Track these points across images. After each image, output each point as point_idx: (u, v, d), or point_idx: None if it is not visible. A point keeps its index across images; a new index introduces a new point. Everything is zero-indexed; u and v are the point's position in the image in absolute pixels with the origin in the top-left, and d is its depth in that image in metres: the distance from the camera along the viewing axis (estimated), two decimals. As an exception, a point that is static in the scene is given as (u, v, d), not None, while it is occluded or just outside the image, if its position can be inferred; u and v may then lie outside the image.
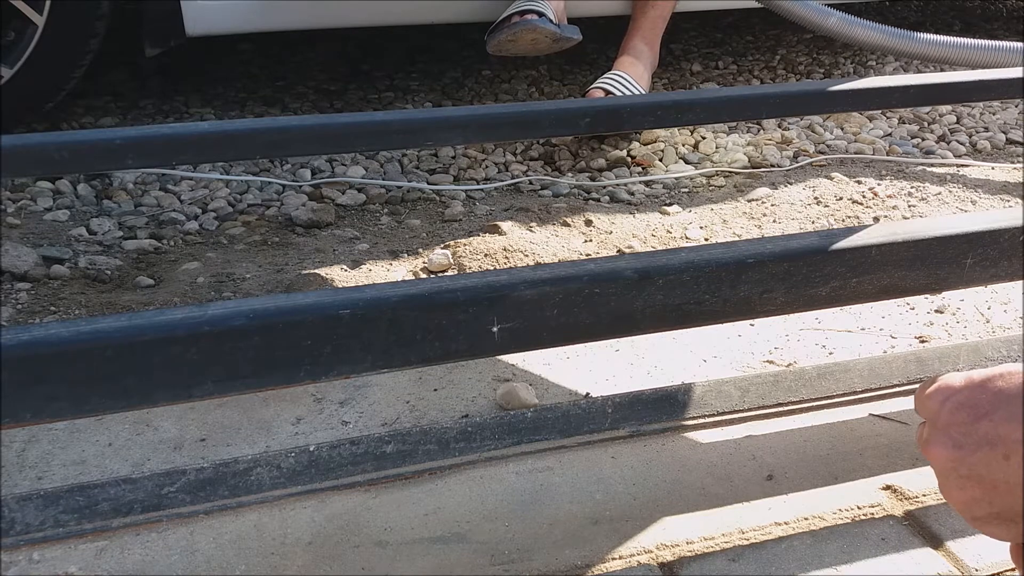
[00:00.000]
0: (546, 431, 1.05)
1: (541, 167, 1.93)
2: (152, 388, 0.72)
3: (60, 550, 0.89)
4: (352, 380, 1.16)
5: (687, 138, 2.05)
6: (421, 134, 1.03)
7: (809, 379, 1.16)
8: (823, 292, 0.84)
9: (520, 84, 2.39)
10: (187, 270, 1.46)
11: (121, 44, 2.29)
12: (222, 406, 1.10)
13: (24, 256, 1.44)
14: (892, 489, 0.98)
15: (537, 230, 1.60)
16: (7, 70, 1.79)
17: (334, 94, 2.31)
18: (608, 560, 0.89)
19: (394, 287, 0.79)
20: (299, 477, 0.98)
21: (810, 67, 2.61)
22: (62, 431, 1.05)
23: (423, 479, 0.99)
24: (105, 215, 1.65)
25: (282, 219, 1.66)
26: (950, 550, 0.89)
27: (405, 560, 0.89)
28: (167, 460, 1.02)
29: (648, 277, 0.83)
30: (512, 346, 0.80)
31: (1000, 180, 1.89)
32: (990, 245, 0.95)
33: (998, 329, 1.33)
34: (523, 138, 1.90)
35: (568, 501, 0.96)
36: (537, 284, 0.80)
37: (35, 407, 0.69)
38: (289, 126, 1.00)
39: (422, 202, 1.75)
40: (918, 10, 3.25)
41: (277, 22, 1.95)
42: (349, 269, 1.47)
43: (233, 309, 0.73)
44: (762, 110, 1.20)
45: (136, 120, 2.10)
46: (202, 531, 0.91)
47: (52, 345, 0.68)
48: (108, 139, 0.93)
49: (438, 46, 2.68)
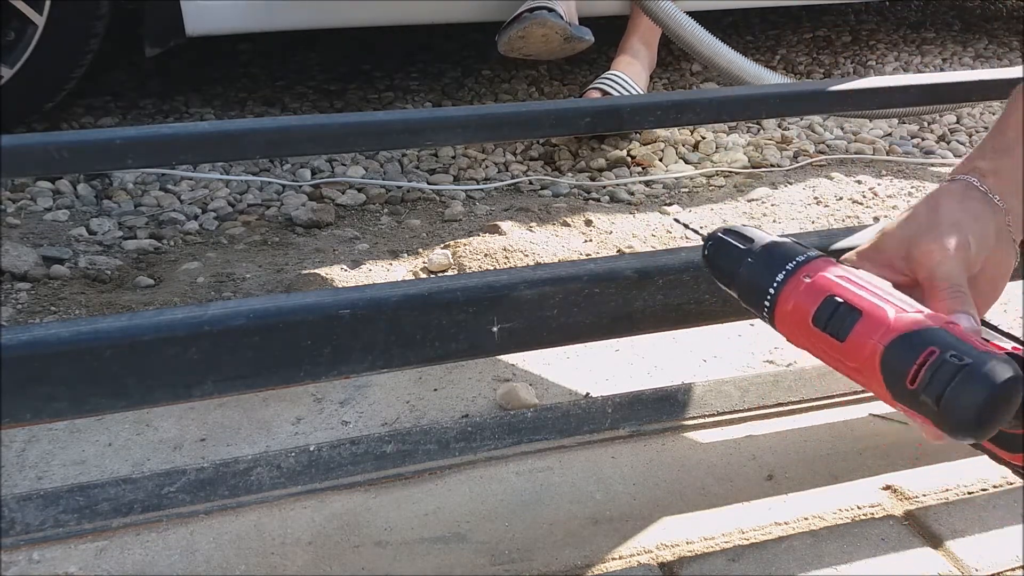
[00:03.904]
0: (546, 431, 1.06)
1: (541, 167, 1.93)
2: (152, 388, 0.72)
3: (60, 550, 0.89)
4: (352, 380, 1.16)
5: (687, 138, 2.05)
6: (421, 134, 1.03)
7: (809, 379, 1.16)
8: (823, 292, 0.84)
9: (520, 84, 2.39)
10: (187, 270, 1.46)
11: (121, 44, 2.29)
12: (222, 406, 1.10)
13: (24, 256, 1.44)
14: (892, 489, 0.98)
15: (537, 230, 1.60)
16: (7, 70, 1.79)
17: (334, 94, 2.31)
18: (608, 560, 0.89)
19: (394, 287, 0.79)
20: (299, 477, 0.98)
21: (810, 67, 2.60)
22: (62, 431, 1.05)
23: (423, 479, 0.99)
24: (105, 215, 1.65)
25: (282, 219, 1.66)
26: (950, 550, 0.89)
27: (405, 560, 0.89)
28: (167, 460, 1.02)
29: (648, 277, 0.83)
30: (512, 346, 0.80)
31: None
32: (990, 245, 0.94)
33: (998, 329, 1.33)
34: (523, 138, 1.90)
35: (568, 501, 0.96)
36: (537, 284, 0.80)
37: (35, 407, 0.69)
38: (289, 126, 1.00)
39: (422, 202, 1.75)
40: (918, 10, 3.25)
41: (277, 22, 1.95)
42: (349, 269, 1.47)
43: (233, 309, 0.73)
44: (762, 110, 1.20)
45: (136, 120, 2.10)
46: (202, 531, 0.91)
47: (52, 345, 0.68)
48: (108, 139, 0.93)
49: (438, 46, 2.68)
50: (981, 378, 0.57)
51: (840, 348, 0.63)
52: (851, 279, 0.64)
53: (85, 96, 2.16)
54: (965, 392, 0.57)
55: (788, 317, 0.66)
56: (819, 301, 0.63)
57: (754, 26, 2.98)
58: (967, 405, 0.57)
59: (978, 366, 0.57)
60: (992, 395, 0.57)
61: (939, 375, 0.58)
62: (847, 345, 0.62)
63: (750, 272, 0.68)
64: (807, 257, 0.66)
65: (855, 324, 0.62)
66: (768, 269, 0.67)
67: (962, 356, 0.58)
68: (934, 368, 0.58)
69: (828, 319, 0.63)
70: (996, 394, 0.57)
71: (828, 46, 2.80)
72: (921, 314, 0.61)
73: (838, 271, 0.65)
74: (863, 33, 2.95)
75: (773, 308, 0.67)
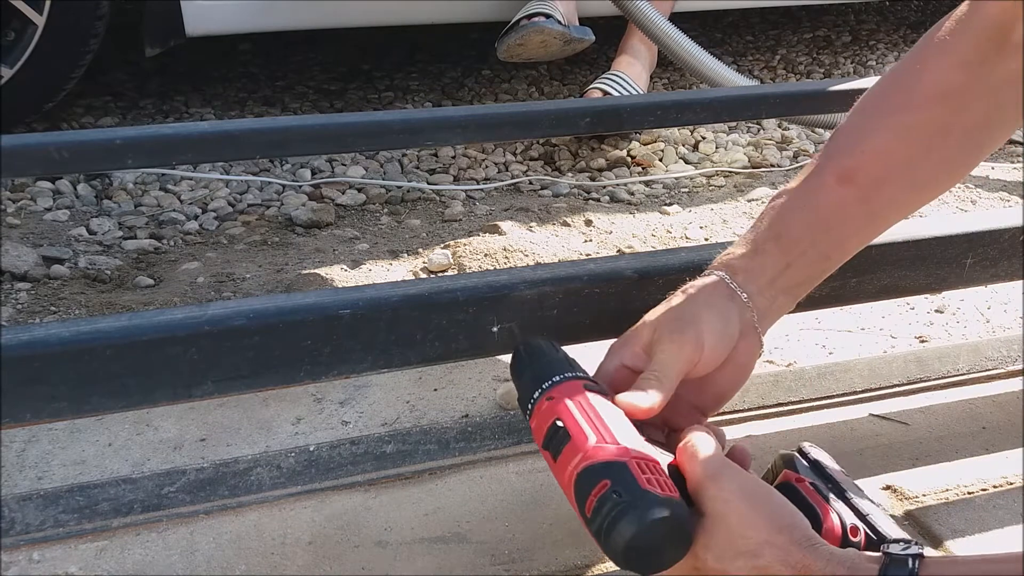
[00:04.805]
0: (546, 431, 1.05)
1: (541, 167, 1.93)
2: (152, 388, 0.72)
3: (60, 550, 0.89)
4: (352, 380, 1.16)
5: (687, 138, 2.05)
6: (421, 134, 1.03)
7: (809, 379, 1.16)
8: (823, 292, 0.84)
9: (520, 84, 2.39)
10: (187, 270, 1.46)
11: (121, 44, 2.29)
12: (222, 406, 1.10)
13: (24, 256, 1.44)
14: (892, 489, 0.98)
15: (537, 230, 1.60)
16: (7, 70, 1.79)
17: (334, 94, 2.31)
18: (608, 559, 0.89)
19: (394, 287, 0.79)
20: (299, 477, 0.98)
21: (810, 67, 2.61)
22: (62, 431, 1.05)
23: (423, 479, 0.99)
24: (105, 215, 1.65)
25: (282, 219, 1.66)
26: (950, 550, 0.90)
27: (405, 560, 0.89)
28: (167, 460, 1.02)
29: (648, 277, 0.83)
30: (512, 346, 0.80)
31: (1000, 180, 1.89)
32: (990, 245, 0.95)
33: (998, 329, 1.33)
34: (523, 138, 1.90)
35: (568, 501, 0.96)
36: (537, 284, 0.80)
37: (35, 407, 0.69)
38: (289, 126, 1.00)
39: (422, 202, 1.75)
40: (918, 10, 3.25)
41: (277, 22, 1.95)
42: (349, 269, 1.47)
43: (233, 309, 0.73)
44: (762, 110, 1.20)
45: (136, 120, 2.10)
46: (202, 531, 0.91)
47: (52, 345, 0.68)
48: (108, 139, 0.93)
49: (438, 46, 2.68)
50: (631, 516, 0.60)
51: (554, 467, 0.68)
52: (582, 406, 0.68)
53: (85, 96, 2.16)
54: (617, 527, 0.61)
55: (533, 432, 0.71)
56: (548, 423, 0.68)
57: (754, 26, 2.98)
58: (616, 539, 0.61)
59: (631, 504, 0.61)
60: (638, 532, 0.60)
61: (603, 508, 0.62)
62: (557, 466, 0.67)
63: (522, 386, 0.74)
64: (561, 378, 0.71)
65: (563, 447, 0.66)
66: (532, 384, 0.72)
67: (622, 493, 0.61)
68: (601, 501, 0.62)
69: (549, 440, 0.68)
70: (643, 532, 0.60)
71: (828, 46, 2.80)
72: (616, 446, 0.65)
73: (578, 397, 0.69)
74: (863, 33, 2.95)
75: (528, 420, 0.72)
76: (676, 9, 2.21)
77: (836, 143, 0.76)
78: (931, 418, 1.11)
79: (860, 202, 0.74)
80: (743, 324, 0.73)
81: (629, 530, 0.60)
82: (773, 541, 0.62)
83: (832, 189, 0.74)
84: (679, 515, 0.62)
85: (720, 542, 0.63)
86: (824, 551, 0.62)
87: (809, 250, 0.75)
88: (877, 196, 0.74)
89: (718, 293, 0.73)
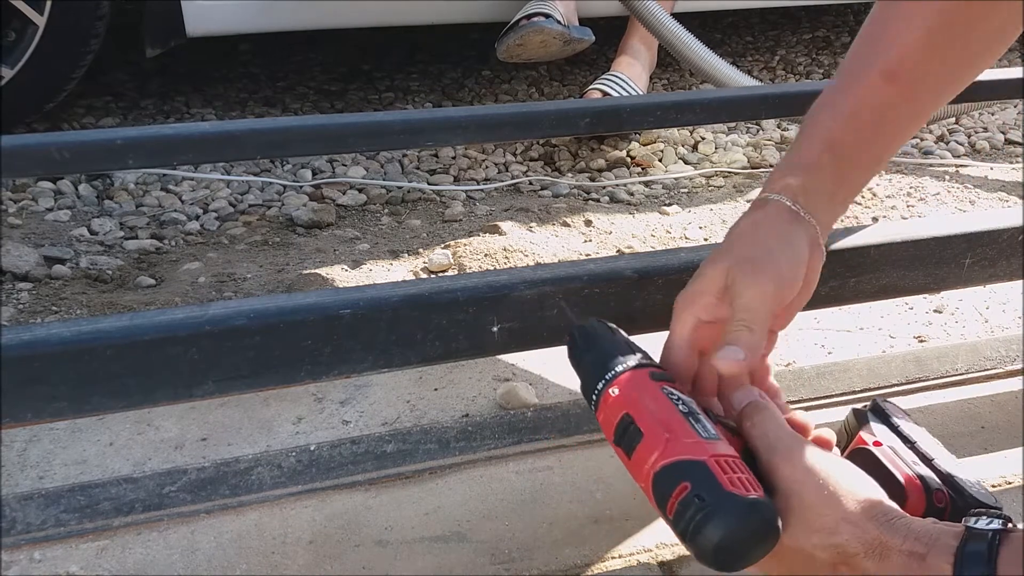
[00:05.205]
0: (546, 430, 1.06)
1: (541, 167, 1.93)
2: (153, 388, 0.72)
3: (61, 549, 0.89)
4: (353, 380, 1.16)
5: (686, 138, 2.05)
6: (421, 134, 1.03)
7: (808, 379, 1.16)
8: (822, 291, 0.84)
9: (520, 84, 2.39)
10: (188, 270, 1.46)
11: (122, 44, 2.29)
12: (223, 406, 1.11)
13: (25, 256, 1.44)
14: (891, 488, 0.98)
15: (537, 230, 1.61)
16: (8, 70, 1.80)
17: (334, 94, 2.31)
18: (608, 559, 0.89)
19: (394, 287, 0.79)
20: (300, 476, 0.98)
21: (809, 67, 2.61)
22: (63, 431, 1.06)
23: (423, 478, 0.99)
24: (106, 215, 1.65)
25: (283, 219, 1.66)
26: (949, 549, 0.89)
27: (405, 559, 0.89)
28: (168, 459, 1.02)
29: (648, 277, 0.83)
30: (512, 346, 0.80)
31: (999, 180, 1.89)
32: (989, 245, 0.95)
33: (996, 329, 1.33)
34: (523, 138, 1.90)
35: (568, 500, 0.96)
36: (537, 284, 0.80)
37: (36, 407, 0.69)
38: (289, 126, 1.00)
39: (422, 202, 1.76)
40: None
41: (277, 22, 1.95)
42: (349, 269, 1.47)
43: (234, 309, 0.74)
44: (762, 110, 1.20)
45: (137, 120, 2.10)
46: (203, 530, 0.92)
47: (53, 345, 0.68)
48: (109, 139, 0.93)
49: (438, 46, 2.68)
50: (716, 522, 0.59)
51: (629, 465, 0.66)
52: (652, 397, 0.66)
53: (86, 96, 2.16)
54: (703, 532, 0.59)
55: (601, 425, 0.69)
56: (617, 417, 0.66)
57: (753, 27, 2.98)
58: (704, 544, 0.59)
59: (715, 510, 0.59)
60: (725, 536, 0.59)
61: (686, 512, 0.60)
62: (632, 463, 0.65)
63: (582, 375, 0.71)
64: (624, 368, 0.68)
65: (636, 445, 0.64)
66: (594, 375, 0.70)
67: (704, 497, 0.60)
68: (684, 504, 0.60)
69: (620, 436, 0.66)
70: (729, 536, 0.59)
71: (828, 46, 2.80)
72: (692, 441, 0.63)
73: (646, 388, 0.67)
74: (863, 33, 2.95)
75: (595, 413, 0.70)
76: (676, 10, 2.21)
77: (871, 45, 0.75)
78: (930, 418, 1.11)
79: (905, 99, 0.73)
80: (810, 243, 0.72)
81: (716, 535, 0.59)
82: (849, 518, 0.60)
83: (879, 89, 0.73)
84: (767, 516, 0.60)
85: (794, 520, 0.62)
86: (902, 526, 0.60)
87: (864, 156, 0.74)
88: (923, 88, 0.74)
89: (782, 219, 0.72)
